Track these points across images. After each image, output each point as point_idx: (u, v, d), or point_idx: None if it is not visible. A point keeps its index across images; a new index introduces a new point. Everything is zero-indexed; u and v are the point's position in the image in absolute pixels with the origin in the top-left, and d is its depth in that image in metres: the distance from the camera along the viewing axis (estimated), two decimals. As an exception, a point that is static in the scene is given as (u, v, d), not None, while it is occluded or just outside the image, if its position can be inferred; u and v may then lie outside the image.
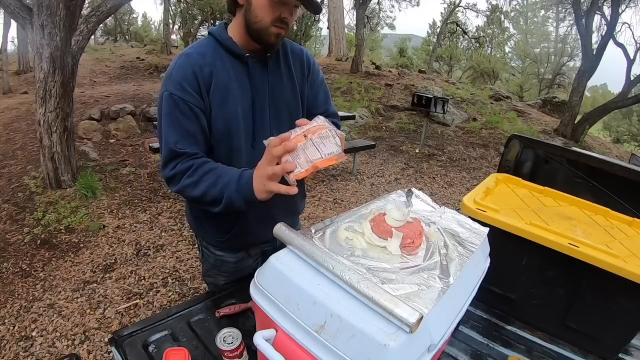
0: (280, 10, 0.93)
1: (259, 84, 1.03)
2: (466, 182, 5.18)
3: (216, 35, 1.00)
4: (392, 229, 0.74)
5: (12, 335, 2.10)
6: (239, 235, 1.13)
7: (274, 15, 0.93)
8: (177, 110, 0.94)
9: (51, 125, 3.43)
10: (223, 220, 1.11)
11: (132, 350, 0.88)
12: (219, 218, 1.10)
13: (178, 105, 0.93)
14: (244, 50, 1.00)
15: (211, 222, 1.14)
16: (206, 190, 0.92)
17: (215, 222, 1.13)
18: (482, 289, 0.80)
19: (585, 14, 8.41)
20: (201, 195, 0.92)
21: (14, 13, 3.35)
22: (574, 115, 8.44)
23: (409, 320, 0.52)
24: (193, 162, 0.95)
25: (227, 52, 0.99)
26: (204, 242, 1.22)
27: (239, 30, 0.99)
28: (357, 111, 7.03)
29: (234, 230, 1.12)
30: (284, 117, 1.09)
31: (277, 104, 1.07)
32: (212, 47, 0.99)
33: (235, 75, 0.99)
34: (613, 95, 16.22)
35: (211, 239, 1.19)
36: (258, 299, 0.67)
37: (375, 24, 17.95)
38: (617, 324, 0.98)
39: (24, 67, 8.90)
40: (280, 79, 1.08)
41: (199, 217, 1.18)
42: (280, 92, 1.08)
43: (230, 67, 0.99)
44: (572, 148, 1.53)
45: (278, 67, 1.07)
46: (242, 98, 1.00)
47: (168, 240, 3.10)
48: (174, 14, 13.97)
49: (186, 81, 0.93)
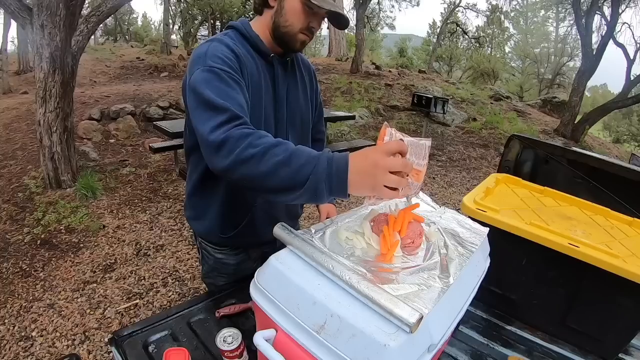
0: (311, 18, 0.93)
1: (281, 86, 1.03)
2: (466, 182, 5.17)
3: (242, 30, 0.98)
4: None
5: (12, 335, 2.10)
6: (243, 234, 1.12)
7: (305, 22, 0.93)
8: (218, 79, 0.82)
9: (51, 125, 3.43)
10: (231, 219, 1.10)
11: (132, 350, 0.87)
12: (227, 216, 1.09)
13: (219, 74, 0.82)
14: (270, 50, 0.99)
15: (218, 219, 1.10)
16: (275, 169, 0.69)
17: (223, 219, 1.10)
18: (482, 289, 0.80)
19: (585, 14, 8.41)
20: (266, 173, 0.69)
21: (14, 13, 3.35)
22: (574, 115, 8.45)
23: (409, 320, 0.52)
24: (251, 130, 0.75)
25: (254, 49, 0.98)
26: (204, 243, 1.20)
27: (264, 30, 0.98)
28: (357, 111, 7.03)
29: (239, 228, 1.10)
30: (297, 124, 1.10)
31: (293, 109, 1.08)
32: (239, 41, 0.96)
33: (263, 73, 0.99)
34: (613, 95, 16.23)
35: (213, 237, 1.16)
36: (258, 299, 0.67)
37: (375, 24, 17.95)
38: (617, 324, 0.98)
39: (24, 67, 8.90)
40: (296, 85, 1.09)
41: (204, 215, 1.11)
42: (296, 98, 1.09)
43: (259, 64, 0.97)
44: (572, 148, 1.53)
45: (294, 73, 1.09)
46: (267, 97, 1.00)
47: (168, 240, 3.10)
48: (174, 14, 13.98)
49: (225, 56, 0.87)
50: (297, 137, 1.11)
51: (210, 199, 1.09)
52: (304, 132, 1.15)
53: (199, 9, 13.80)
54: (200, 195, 1.11)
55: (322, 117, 1.30)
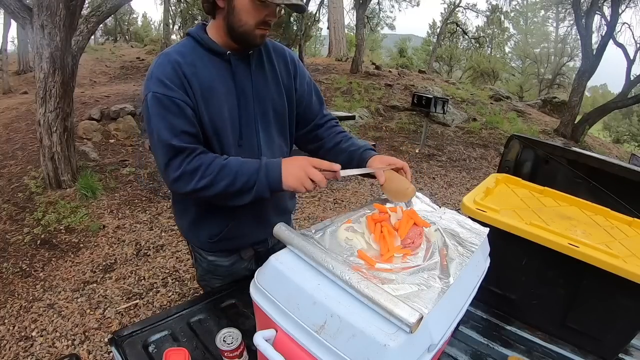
0: (265, 12, 0.92)
1: (244, 82, 1.01)
2: (466, 182, 5.17)
3: (195, 35, 0.98)
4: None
5: (12, 335, 2.10)
6: (230, 237, 1.12)
7: (259, 17, 0.92)
8: (163, 109, 0.90)
9: (51, 125, 3.43)
10: (215, 222, 1.10)
11: (132, 351, 0.88)
12: (212, 220, 1.09)
13: (163, 103, 0.90)
14: (225, 48, 0.98)
15: (203, 224, 1.11)
16: (225, 189, 0.91)
17: (207, 224, 1.11)
18: (482, 289, 0.80)
19: (585, 14, 8.41)
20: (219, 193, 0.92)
21: (14, 13, 3.35)
22: (574, 115, 8.45)
23: (408, 320, 0.52)
24: (200, 161, 0.92)
25: (208, 52, 0.97)
26: (196, 247, 1.19)
27: (219, 31, 0.97)
28: (357, 111, 7.03)
29: (225, 231, 1.10)
30: (269, 116, 1.07)
31: (263, 102, 1.05)
32: (191, 47, 0.97)
33: (219, 74, 0.97)
34: (613, 95, 16.21)
35: (202, 243, 1.15)
36: (258, 299, 0.67)
37: (375, 24, 17.94)
38: (617, 324, 0.98)
39: (24, 67, 8.89)
40: (264, 78, 1.06)
41: (189, 220, 1.14)
42: (265, 91, 1.05)
43: (212, 67, 0.97)
44: (572, 148, 1.53)
45: (261, 65, 1.05)
46: (227, 97, 0.98)
47: (168, 240, 3.10)
48: (174, 14, 13.96)
49: (167, 78, 0.90)
50: (270, 130, 1.08)
51: (191, 205, 1.10)
52: (280, 127, 1.12)
53: (199, 9, 13.79)
54: (183, 202, 1.13)
55: (322, 102, 1.23)
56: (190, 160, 0.91)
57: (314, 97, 1.19)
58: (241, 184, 0.91)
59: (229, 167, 0.92)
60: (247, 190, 0.92)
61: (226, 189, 0.91)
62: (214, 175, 0.91)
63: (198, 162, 0.91)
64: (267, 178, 0.91)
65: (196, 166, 0.91)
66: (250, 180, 0.91)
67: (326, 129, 1.20)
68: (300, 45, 10.81)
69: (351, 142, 1.15)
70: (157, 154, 0.94)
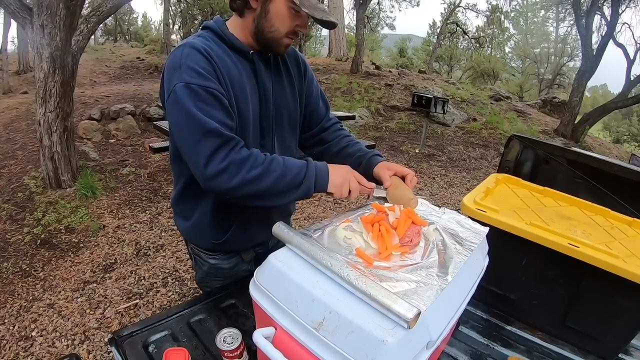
0: (297, 21, 0.91)
1: (265, 83, 0.99)
2: (466, 182, 5.17)
3: (217, 30, 0.94)
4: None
5: (12, 335, 2.10)
6: (235, 238, 1.10)
7: (291, 26, 0.91)
8: (199, 101, 0.83)
9: (51, 125, 3.43)
10: (222, 224, 1.08)
11: (132, 350, 0.87)
12: (218, 222, 1.07)
13: (199, 94, 0.83)
14: (249, 47, 0.96)
15: (209, 226, 1.09)
16: (276, 182, 0.85)
17: (214, 223, 1.08)
18: (482, 289, 0.80)
19: (585, 14, 8.41)
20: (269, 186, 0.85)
21: (14, 13, 3.35)
22: (574, 115, 8.45)
23: (406, 316, 0.52)
24: (248, 152, 0.86)
25: (231, 49, 0.94)
26: (196, 249, 1.17)
27: (244, 31, 0.95)
28: (357, 111, 7.03)
29: (232, 231, 1.08)
30: (284, 118, 1.07)
31: (279, 104, 1.04)
32: (215, 42, 0.93)
33: (245, 73, 0.95)
34: (613, 95, 16.24)
35: (205, 243, 1.13)
36: (257, 297, 0.67)
37: (375, 24, 17.97)
38: (617, 324, 0.98)
39: (24, 67, 8.90)
40: (282, 82, 1.05)
41: (194, 222, 1.10)
42: (282, 93, 1.05)
43: (238, 64, 0.94)
44: (572, 148, 1.53)
45: (278, 67, 1.04)
46: (252, 96, 0.96)
47: (168, 240, 3.10)
48: (174, 14, 13.98)
49: (201, 67, 0.84)
50: (283, 132, 1.07)
51: (199, 205, 1.06)
52: (291, 130, 1.11)
53: (199, 9, 13.80)
54: (189, 201, 1.09)
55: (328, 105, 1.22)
56: (235, 149, 0.85)
57: (320, 100, 1.19)
58: (292, 176, 0.87)
59: (277, 160, 0.88)
60: (295, 186, 0.88)
61: (277, 181, 0.85)
62: (265, 165, 0.85)
63: (246, 152, 0.85)
64: (316, 176, 0.89)
65: (245, 156, 0.84)
66: (299, 174, 0.88)
67: (331, 132, 1.19)
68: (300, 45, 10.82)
69: (358, 147, 1.15)
70: (197, 146, 0.83)
